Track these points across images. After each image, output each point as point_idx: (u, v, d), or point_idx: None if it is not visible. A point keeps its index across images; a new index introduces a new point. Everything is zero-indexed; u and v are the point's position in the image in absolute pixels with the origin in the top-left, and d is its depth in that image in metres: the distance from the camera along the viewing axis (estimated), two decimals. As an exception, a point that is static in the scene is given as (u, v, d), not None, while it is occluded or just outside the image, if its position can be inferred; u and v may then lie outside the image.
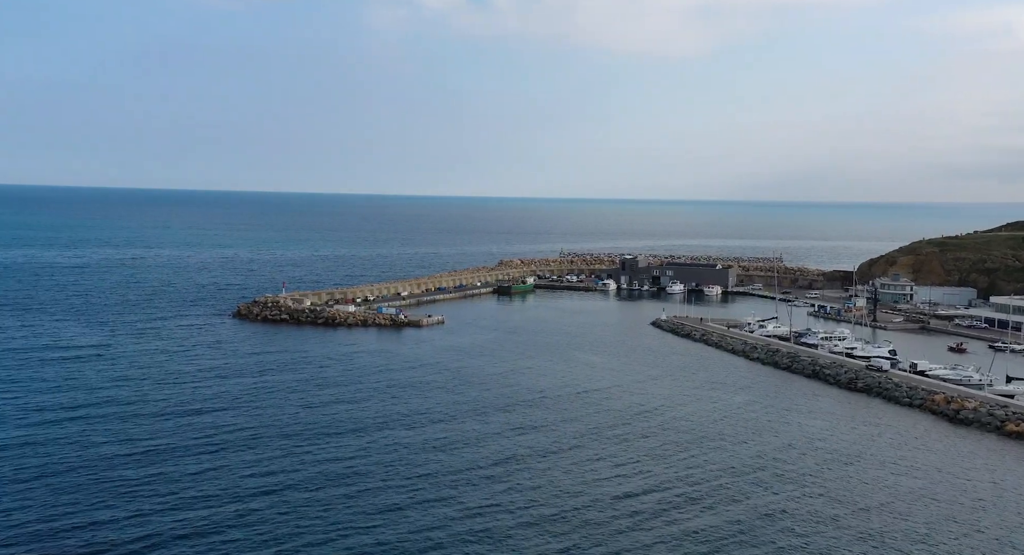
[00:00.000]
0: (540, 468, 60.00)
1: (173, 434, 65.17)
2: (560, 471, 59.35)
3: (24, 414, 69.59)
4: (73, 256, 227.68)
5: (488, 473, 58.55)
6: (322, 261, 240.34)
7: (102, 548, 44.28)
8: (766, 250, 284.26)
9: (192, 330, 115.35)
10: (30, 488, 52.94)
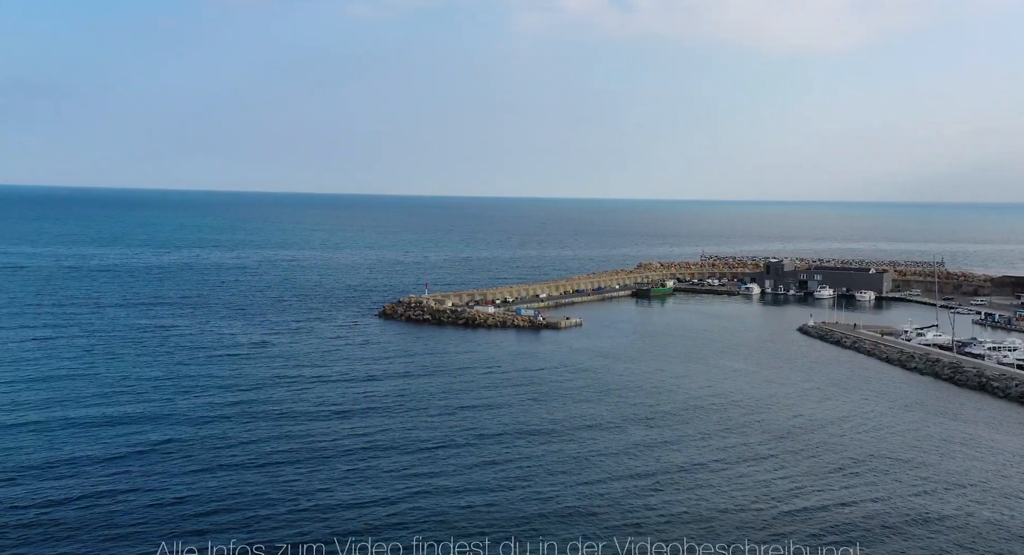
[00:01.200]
0: (715, 480, 57.91)
1: (326, 434, 67.55)
2: (733, 487, 56.73)
3: (195, 408, 74.27)
4: (235, 257, 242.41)
5: (655, 482, 57.21)
6: (464, 263, 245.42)
7: (258, 543, 45.91)
8: (925, 254, 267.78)
9: (342, 329, 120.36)
10: (199, 480, 56.07)
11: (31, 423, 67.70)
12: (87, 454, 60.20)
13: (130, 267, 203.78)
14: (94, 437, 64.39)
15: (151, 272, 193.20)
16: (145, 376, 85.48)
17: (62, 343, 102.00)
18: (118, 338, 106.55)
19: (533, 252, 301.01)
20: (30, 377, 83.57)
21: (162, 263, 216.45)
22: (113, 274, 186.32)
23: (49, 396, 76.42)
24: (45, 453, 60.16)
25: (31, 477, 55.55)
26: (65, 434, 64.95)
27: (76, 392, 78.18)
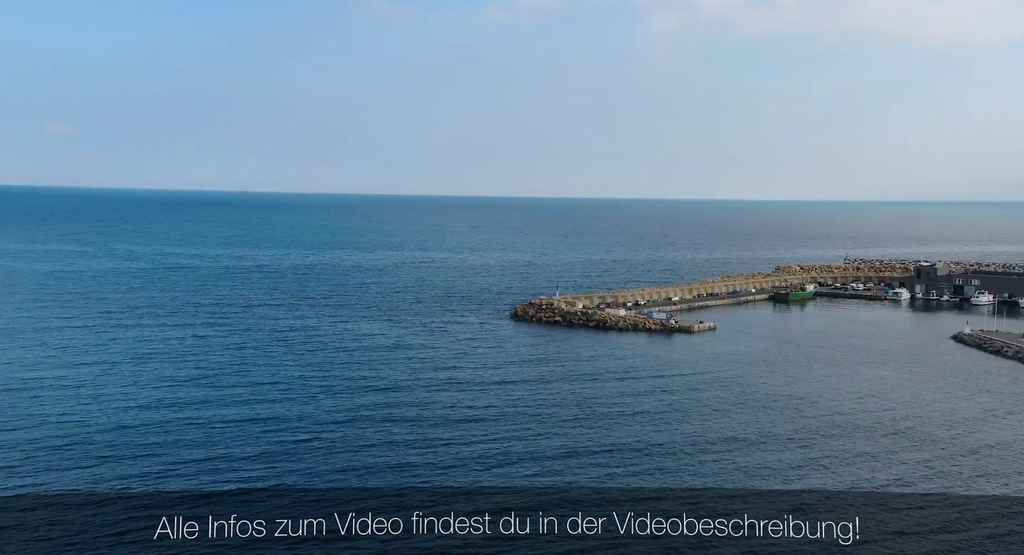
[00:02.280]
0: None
1: (460, 438, 68.82)
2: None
3: (337, 408, 77.37)
4: (373, 258, 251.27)
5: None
6: (595, 265, 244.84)
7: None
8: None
9: (475, 330, 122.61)
10: (342, 478, 58.51)
11: (192, 418, 72.51)
12: (240, 451, 63.90)
13: (277, 268, 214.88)
14: (247, 433, 68.35)
15: (296, 272, 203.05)
16: (291, 375, 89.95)
17: (217, 341, 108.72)
18: (266, 337, 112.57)
19: (665, 254, 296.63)
20: (190, 374, 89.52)
21: (305, 264, 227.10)
22: (262, 274, 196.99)
23: (207, 393, 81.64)
24: (203, 449, 64.24)
25: (192, 471, 59.54)
26: (221, 430, 69.24)
27: (230, 389, 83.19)
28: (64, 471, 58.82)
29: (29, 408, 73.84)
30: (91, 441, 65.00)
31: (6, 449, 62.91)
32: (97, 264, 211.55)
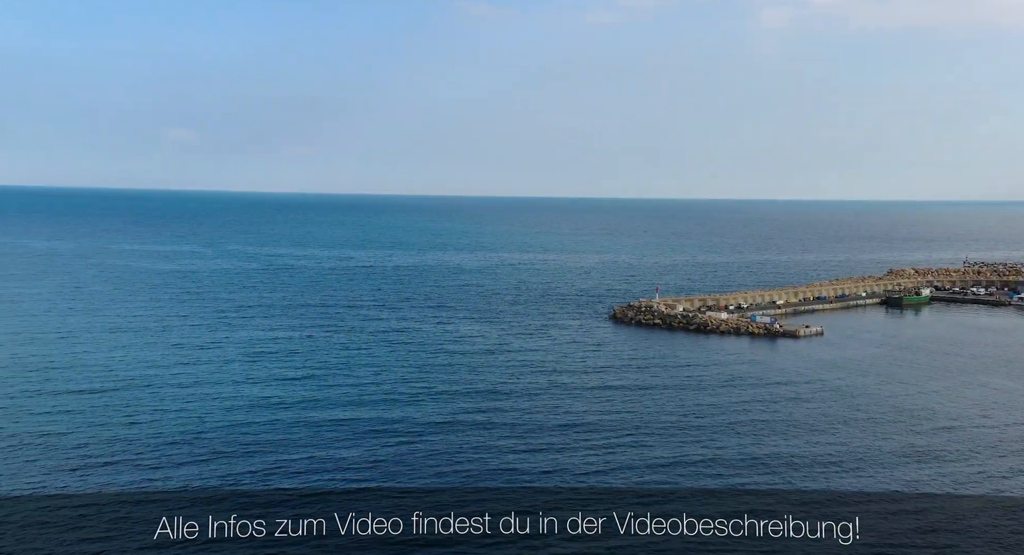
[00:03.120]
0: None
1: (562, 446, 68.71)
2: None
3: (439, 410, 78.56)
4: (474, 259, 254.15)
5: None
6: (697, 267, 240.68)
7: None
8: None
9: (575, 333, 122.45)
10: (441, 482, 59.45)
11: (298, 417, 75.05)
12: (345, 451, 65.76)
13: (381, 268, 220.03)
14: (351, 433, 70.25)
15: (398, 273, 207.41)
16: (394, 376, 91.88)
17: (324, 340, 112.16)
18: (370, 337, 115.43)
19: (770, 256, 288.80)
20: (298, 373, 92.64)
21: (408, 264, 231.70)
22: (366, 275, 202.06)
23: (314, 392, 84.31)
24: (310, 449, 66.37)
25: (298, 470, 61.69)
26: (327, 429, 71.42)
27: (336, 389, 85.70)
28: (178, 467, 61.79)
29: (150, 403, 77.98)
30: (203, 437, 68.13)
31: (125, 443, 66.63)
32: (213, 264, 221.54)
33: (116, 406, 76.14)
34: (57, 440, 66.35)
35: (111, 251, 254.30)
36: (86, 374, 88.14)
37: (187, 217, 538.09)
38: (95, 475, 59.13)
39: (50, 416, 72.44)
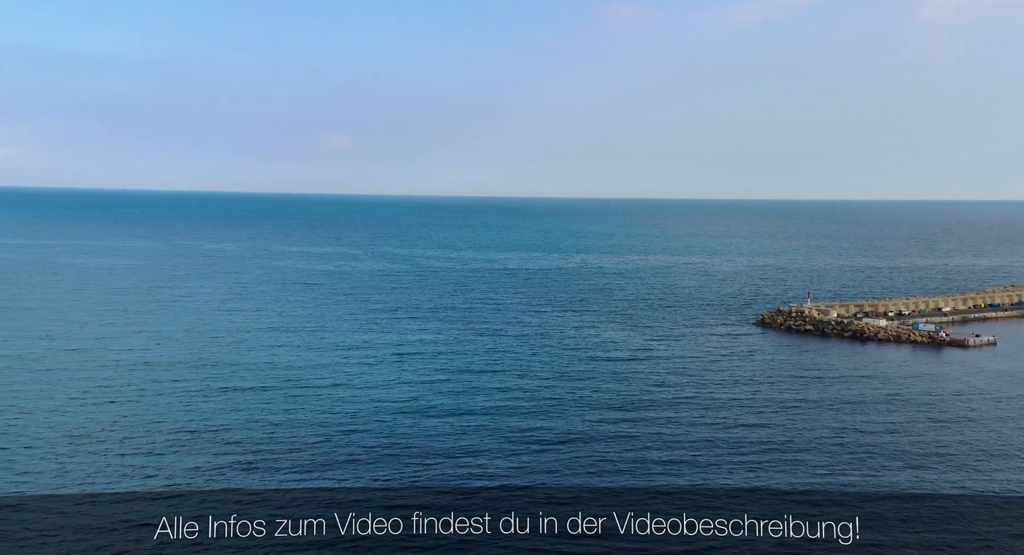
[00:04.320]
0: None
1: (708, 446, 67.51)
2: None
3: (583, 411, 78.69)
4: (617, 262, 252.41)
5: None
6: (853, 271, 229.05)
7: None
8: None
9: (721, 338, 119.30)
10: (587, 483, 59.25)
11: (445, 413, 77.03)
12: (489, 447, 66.90)
13: (525, 271, 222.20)
14: (495, 430, 71.43)
15: (542, 276, 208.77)
16: (538, 375, 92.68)
17: (469, 342, 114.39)
18: (514, 339, 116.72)
19: (935, 261, 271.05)
20: (444, 374, 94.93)
21: (552, 267, 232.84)
22: (511, 277, 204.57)
23: (460, 389, 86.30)
24: (452, 443, 67.91)
25: (442, 464, 63.20)
26: (471, 426, 72.90)
27: (481, 386, 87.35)
28: (335, 467, 64.53)
29: (307, 401, 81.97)
30: (348, 436, 70.96)
31: (283, 439, 70.27)
32: (365, 266, 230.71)
33: (277, 401, 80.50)
34: (225, 435, 70.77)
35: (273, 253, 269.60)
36: (249, 372, 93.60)
37: (342, 220, 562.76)
38: (259, 470, 62.69)
39: (220, 412, 77.32)
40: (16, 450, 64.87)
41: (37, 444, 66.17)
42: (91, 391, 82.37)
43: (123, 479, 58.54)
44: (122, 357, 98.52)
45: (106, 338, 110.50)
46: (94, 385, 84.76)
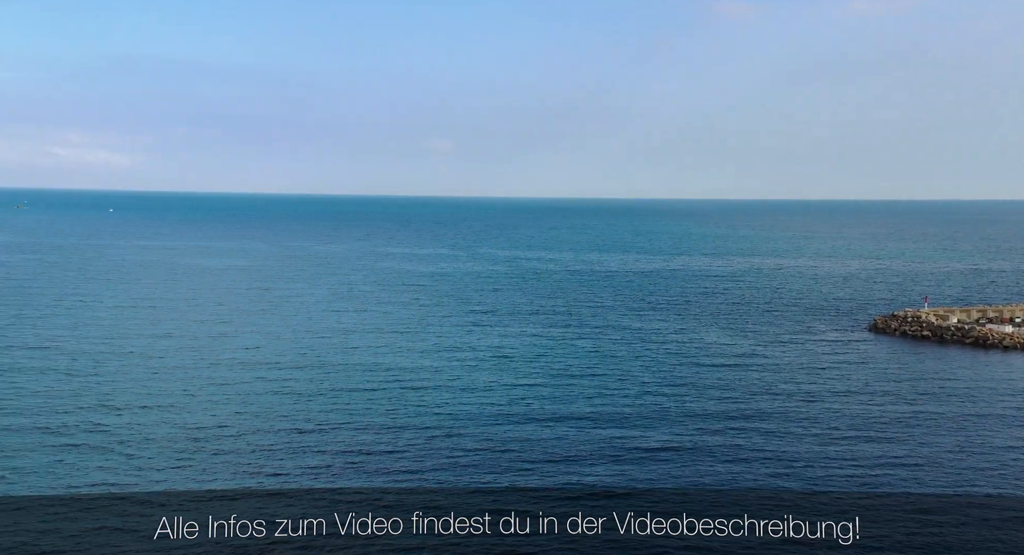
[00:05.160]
0: None
1: (821, 458, 65.06)
2: None
3: (686, 417, 77.12)
4: (722, 265, 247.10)
5: None
6: (976, 275, 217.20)
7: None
8: None
9: (831, 344, 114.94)
10: (683, 495, 57.84)
11: (545, 417, 76.85)
12: (592, 451, 66.27)
13: (625, 273, 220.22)
14: (596, 436, 70.79)
15: (643, 278, 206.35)
16: (639, 380, 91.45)
17: (569, 344, 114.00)
18: (613, 342, 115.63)
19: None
20: (544, 376, 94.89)
21: (653, 269, 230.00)
22: (611, 279, 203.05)
23: (560, 393, 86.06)
24: (554, 448, 67.60)
25: (545, 469, 62.95)
26: (568, 429, 72.49)
27: (580, 390, 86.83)
28: (434, 469, 65.23)
29: (411, 401, 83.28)
30: (455, 435, 71.60)
31: (386, 440, 71.51)
32: (466, 267, 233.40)
33: (380, 402, 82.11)
34: (331, 435, 72.60)
35: (378, 254, 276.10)
36: (354, 372, 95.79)
37: (444, 222, 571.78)
38: (364, 471, 64.01)
39: (326, 411, 79.39)
40: (137, 444, 68.12)
41: (156, 439, 69.36)
42: (206, 388, 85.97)
43: (235, 477, 60.65)
44: (235, 355, 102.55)
45: (221, 336, 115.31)
46: (209, 383, 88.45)
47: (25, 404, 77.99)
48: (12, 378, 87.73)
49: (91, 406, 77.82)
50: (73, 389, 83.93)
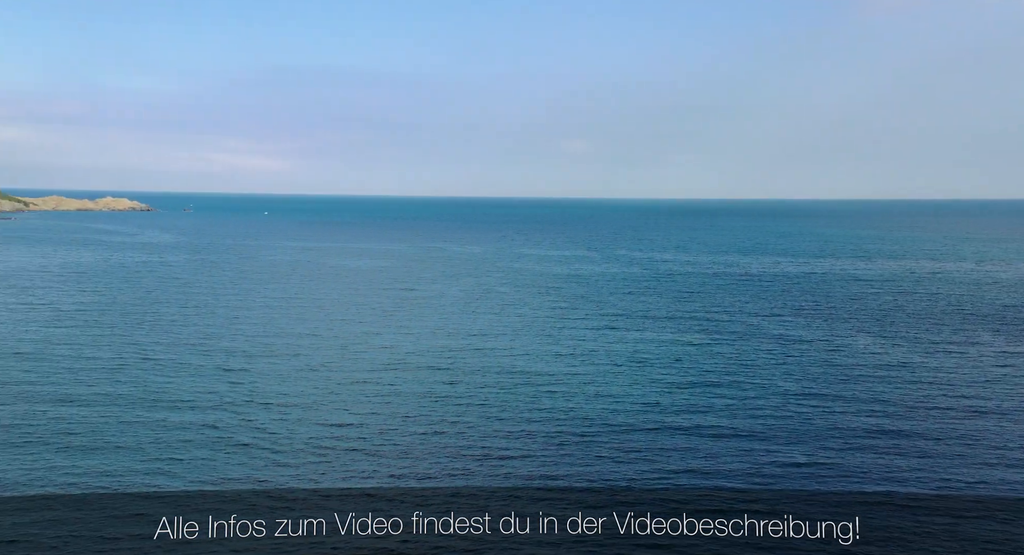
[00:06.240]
0: None
1: (998, 481, 60.26)
2: None
3: (833, 430, 73.42)
4: (872, 268, 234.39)
5: None
6: None
7: None
8: None
9: (998, 355, 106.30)
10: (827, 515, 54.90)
11: (680, 425, 74.87)
12: (728, 466, 63.83)
13: (766, 276, 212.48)
14: (736, 448, 68.21)
15: (785, 281, 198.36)
16: (781, 388, 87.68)
17: (707, 349, 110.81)
18: (754, 348, 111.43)
19: None
20: (681, 380, 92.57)
21: (796, 272, 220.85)
22: (751, 283, 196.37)
23: (697, 400, 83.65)
24: (686, 460, 65.58)
25: (677, 476, 61.14)
26: (704, 440, 70.21)
27: (719, 399, 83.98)
28: (566, 469, 64.59)
29: (540, 401, 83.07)
30: (587, 442, 70.69)
31: (525, 439, 71.44)
32: (600, 269, 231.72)
33: (513, 403, 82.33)
34: (467, 434, 73.34)
35: (513, 255, 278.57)
36: (489, 373, 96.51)
37: (579, 224, 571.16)
38: (498, 468, 64.20)
39: (463, 411, 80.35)
40: (280, 441, 70.98)
41: (297, 436, 72.08)
42: (347, 387, 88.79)
43: (371, 477, 62.08)
44: (376, 355, 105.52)
45: (363, 335, 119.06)
46: (351, 381, 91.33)
47: (183, 398, 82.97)
48: (172, 373, 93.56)
49: (240, 402, 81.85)
50: (224, 385, 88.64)
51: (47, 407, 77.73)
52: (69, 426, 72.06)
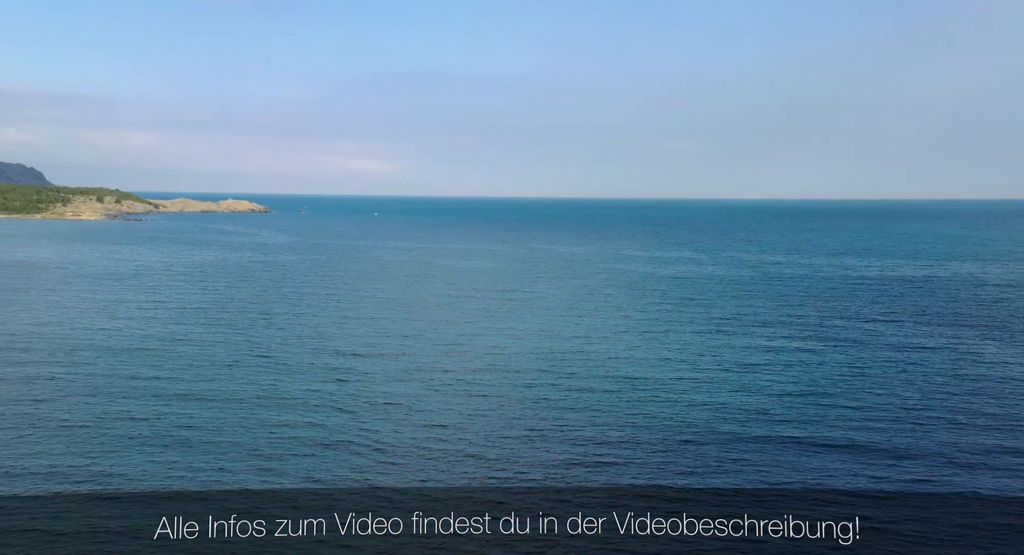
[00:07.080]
0: None
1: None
2: None
3: (955, 442, 69.62)
4: (1001, 271, 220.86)
5: None
6: None
7: None
8: None
9: None
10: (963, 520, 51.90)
11: (791, 436, 72.18)
12: (826, 483, 61.01)
13: (885, 280, 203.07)
14: (843, 462, 65.22)
15: (906, 285, 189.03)
16: (902, 396, 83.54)
17: (821, 355, 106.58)
18: (873, 355, 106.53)
19: None
20: (793, 388, 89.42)
21: (918, 276, 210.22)
22: (869, 287, 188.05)
23: (808, 409, 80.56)
24: (791, 473, 63.10)
25: (789, 486, 58.82)
26: (817, 452, 67.37)
27: (834, 409, 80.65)
28: (675, 474, 63.18)
29: (645, 408, 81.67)
30: (692, 451, 68.99)
31: (628, 442, 70.36)
32: (708, 271, 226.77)
33: (618, 405, 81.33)
34: (570, 434, 72.83)
35: (618, 256, 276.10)
36: (593, 376, 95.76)
37: (686, 225, 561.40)
38: (603, 469, 63.45)
39: (565, 412, 79.92)
40: (384, 441, 72.19)
41: (404, 432, 73.17)
42: (450, 387, 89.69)
43: (463, 477, 62.33)
44: (478, 355, 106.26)
45: (467, 335, 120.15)
46: (455, 380, 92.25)
47: (291, 396, 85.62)
48: (281, 372, 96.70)
49: (344, 401, 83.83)
50: (334, 384, 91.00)
51: (167, 403, 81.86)
52: (191, 421, 75.58)
